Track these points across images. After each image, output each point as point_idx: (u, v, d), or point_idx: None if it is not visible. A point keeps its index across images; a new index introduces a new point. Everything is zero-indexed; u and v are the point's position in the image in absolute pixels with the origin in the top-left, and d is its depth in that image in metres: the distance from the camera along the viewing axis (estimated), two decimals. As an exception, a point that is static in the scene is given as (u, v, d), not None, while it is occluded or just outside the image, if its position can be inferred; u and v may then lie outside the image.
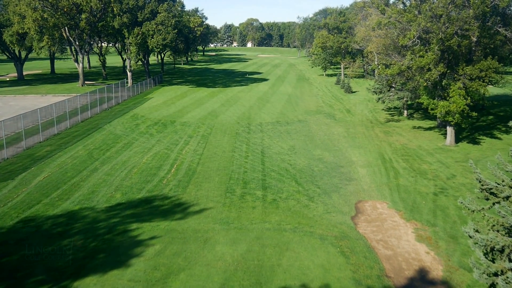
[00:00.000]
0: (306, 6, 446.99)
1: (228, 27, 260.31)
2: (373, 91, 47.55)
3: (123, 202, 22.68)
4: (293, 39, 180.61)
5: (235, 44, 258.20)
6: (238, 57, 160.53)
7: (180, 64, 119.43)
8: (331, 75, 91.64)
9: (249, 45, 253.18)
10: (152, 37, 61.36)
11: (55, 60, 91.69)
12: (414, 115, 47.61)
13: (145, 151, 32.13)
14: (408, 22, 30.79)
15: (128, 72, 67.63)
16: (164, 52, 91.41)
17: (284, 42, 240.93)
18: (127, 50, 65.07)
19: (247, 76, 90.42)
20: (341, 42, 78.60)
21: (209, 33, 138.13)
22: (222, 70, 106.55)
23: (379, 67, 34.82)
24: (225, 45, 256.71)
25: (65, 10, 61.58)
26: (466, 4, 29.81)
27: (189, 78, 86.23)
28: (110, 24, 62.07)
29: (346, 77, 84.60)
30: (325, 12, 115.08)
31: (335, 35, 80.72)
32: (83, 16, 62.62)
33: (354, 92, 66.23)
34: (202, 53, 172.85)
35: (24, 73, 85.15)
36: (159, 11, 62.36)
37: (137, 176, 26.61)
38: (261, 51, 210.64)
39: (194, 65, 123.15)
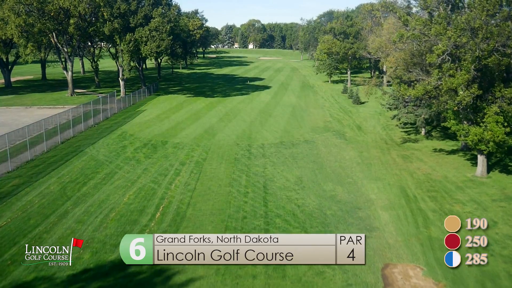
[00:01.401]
0: (309, 5, 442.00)
1: (229, 28, 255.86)
2: (388, 107, 42.93)
3: (91, 268, 18.11)
4: (295, 41, 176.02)
5: (236, 45, 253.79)
6: (239, 60, 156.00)
7: (179, 68, 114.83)
8: (336, 82, 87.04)
9: (250, 46, 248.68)
10: (146, 44, 56.80)
11: (47, 65, 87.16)
12: (433, 133, 42.95)
13: (128, 186, 27.54)
14: (437, 36, 26.16)
15: (120, 81, 63.11)
16: (160, 58, 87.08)
17: (286, 44, 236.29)
18: (120, 57, 60.50)
19: (248, 83, 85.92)
20: (348, 48, 73.94)
21: (209, 36, 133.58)
22: (222, 75, 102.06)
23: (401, 87, 30.13)
24: (226, 47, 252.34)
25: (51, 14, 57.13)
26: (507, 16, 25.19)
27: (187, 85, 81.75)
28: (101, 30, 57.53)
29: (353, 84, 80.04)
30: (330, 15, 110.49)
31: (342, 40, 76.07)
32: (71, 21, 58.07)
33: (363, 103, 61.61)
34: (202, 55, 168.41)
35: (14, 79, 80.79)
36: (153, 16, 57.76)
37: (114, 225, 22.04)
38: (263, 53, 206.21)
39: (194, 69, 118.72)
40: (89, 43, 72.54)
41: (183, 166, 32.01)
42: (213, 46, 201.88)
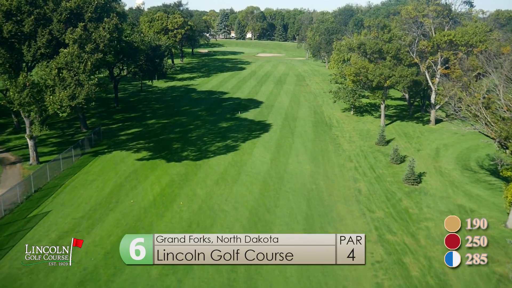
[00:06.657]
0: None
1: (225, 15, 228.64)
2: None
3: None
4: (301, 35, 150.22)
5: (232, 34, 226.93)
6: (234, 60, 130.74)
7: (155, 79, 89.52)
8: (361, 112, 62.91)
9: (248, 35, 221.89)
10: (53, 92, 32.43)
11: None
12: None
13: None
14: None
15: (28, 140, 38.91)
16: (122, 75, 63.22)
17: (288, 34, 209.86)
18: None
19: (239, 114, 61.69)
20: (387, 75, 49.32)
21: (194, 35, 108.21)
22: (207, 94, 77.44)
23: None
24: (222, 36, 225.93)
25: None
26: None
27: (151, 121, 57.41)
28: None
29: (388, 118, 56.19)
30: (347, 13, 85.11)
31: (376, 63, 51.36)
32: None
33: (421, 179, 37.85)
34: (191, 52, 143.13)
35: None
36: (66, 41, 33.13)
37: None
38: (262, 46, 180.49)
39: (174, 78, 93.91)
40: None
41: None
42: (207, 34, 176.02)
